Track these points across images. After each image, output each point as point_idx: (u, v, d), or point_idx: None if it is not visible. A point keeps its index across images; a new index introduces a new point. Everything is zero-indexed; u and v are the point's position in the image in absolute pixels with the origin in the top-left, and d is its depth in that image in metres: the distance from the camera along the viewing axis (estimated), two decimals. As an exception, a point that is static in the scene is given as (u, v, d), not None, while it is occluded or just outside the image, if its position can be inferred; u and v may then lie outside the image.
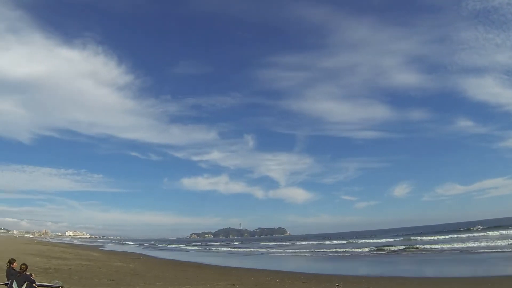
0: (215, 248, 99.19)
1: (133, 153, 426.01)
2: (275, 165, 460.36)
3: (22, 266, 14.92)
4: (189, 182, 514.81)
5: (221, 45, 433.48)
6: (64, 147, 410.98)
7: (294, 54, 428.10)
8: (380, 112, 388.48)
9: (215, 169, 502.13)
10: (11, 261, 15.16)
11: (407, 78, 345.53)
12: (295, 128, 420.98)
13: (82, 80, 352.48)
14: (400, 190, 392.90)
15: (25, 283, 14.35)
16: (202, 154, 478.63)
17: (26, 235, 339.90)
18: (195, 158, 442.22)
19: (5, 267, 15.42)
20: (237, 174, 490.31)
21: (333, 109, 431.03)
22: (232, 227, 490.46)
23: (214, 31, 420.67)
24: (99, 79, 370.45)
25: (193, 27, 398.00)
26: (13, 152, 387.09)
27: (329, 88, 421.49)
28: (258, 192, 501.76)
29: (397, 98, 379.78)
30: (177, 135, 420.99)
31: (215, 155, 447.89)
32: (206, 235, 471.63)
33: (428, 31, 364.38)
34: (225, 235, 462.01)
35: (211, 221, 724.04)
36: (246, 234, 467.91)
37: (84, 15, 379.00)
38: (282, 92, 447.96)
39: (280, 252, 68.91)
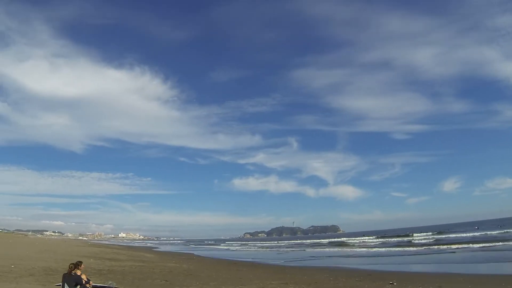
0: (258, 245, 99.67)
1: (181, 159, 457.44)
2: (321, 164, 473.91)
3: (70, 265, 15.00)
4: (240, 183, 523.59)
5: (255, 48, 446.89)
6: (113, 155, 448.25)
7: (329, 52, 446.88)
8: (421, 105, 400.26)
9: (262, 171, 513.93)
10: (77, 263, 15.22)
11: (445, 70, 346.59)
12: (337, 126, 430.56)
13: (130, 96, 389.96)
14: (450, 185, 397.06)
15: (77, 285, 14.46)
16: (248, 157, 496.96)
17: (80, 237, 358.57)
18: (241, 161, 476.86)
19: (59, 269, 15.86)
20: (285, 174, 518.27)
21: (374, 104, 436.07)
22: (285, 225, 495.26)
23: (247, 35, 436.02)
24: (146, 94, 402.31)
25: (227, 32, 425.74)
26: (66, 160, 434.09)
27: (367, 84, 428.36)
28: (309, 191, 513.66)
29: (436, 90, 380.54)
30: (222, 140, 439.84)
31: (260, 158, 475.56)
32: (259, 234, 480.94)
33: (463, 18, 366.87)
34: (278, 234, 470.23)
35: (264, 221, 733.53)
36: (299, 232, 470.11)
37: (128, 39, 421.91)
38: (321, 91, 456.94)
39: (335, 252, 68.25)
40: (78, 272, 15.11)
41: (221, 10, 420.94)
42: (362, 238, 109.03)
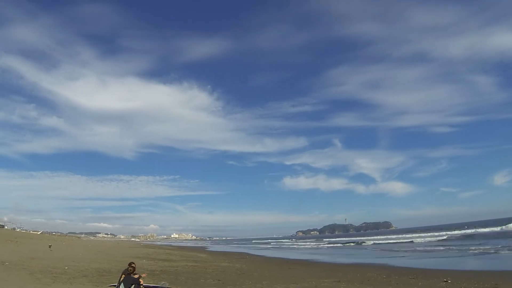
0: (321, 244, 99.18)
1: (230, 162, 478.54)
2: (367, 162, 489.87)
3: (130, 268, 15.98)
4: (290, 182, 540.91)
5: (289, 49, 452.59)
6: (162, 160, 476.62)
7: (362, 48, 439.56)
8: (462, 97, 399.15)
9: (310, 170, 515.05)
10: (131, 264, 15.88)
11: (480, 59, 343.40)
12: (378, 122, 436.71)
13: (178, 107, 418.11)
14: (500, 178, 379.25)
15: (133, 285, 15.33)
16: (294, 159, 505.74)
17: (132, 239, 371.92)
18: (288, 163, 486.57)
19: (112, 270, 16.65)
20: (332, 173, 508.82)
21: (413, 98, 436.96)
22: (337, 223, 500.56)
23: (279, 37, 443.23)
24: (194, 105, 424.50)
25: (260, 38, 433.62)
26: (119, 167, 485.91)
27: (405, 78, 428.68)
28: (359, 188, 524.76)
29: (475, 80, 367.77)
30: (268, 143, 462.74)
31: (306, 159, 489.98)
32: (311, 232, 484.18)
33: (494, 5, 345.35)
34: (331, 231, 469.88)
35: (317, 219, 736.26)
36: (351, 230, 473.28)
37: (172, 55, 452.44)
38: (359, 88, 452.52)
39: (386, 247, 67.43)
40: (136, 276, 15.86)
41: (250, 16, 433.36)
42: (420, 234, 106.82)
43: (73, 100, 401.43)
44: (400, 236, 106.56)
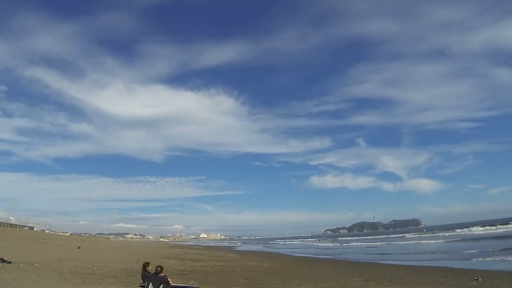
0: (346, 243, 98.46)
1: (256, 163, 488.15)
2: (391, 160, 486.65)
3: (158, 268, 15.92)
4: (317, 181, 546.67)
5: (307, 50, 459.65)
6: (189, 162, 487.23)
7: (381, 45, 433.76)
8: (484, 92, 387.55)
9: (336, 170, 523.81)
10: (145, 265, 16.45)
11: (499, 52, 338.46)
12: (401, 120, 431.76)
13: (205, 112, 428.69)
14: None
15: (161, 285, 15.51)
16: (320, 159, 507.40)
17: (161, 239, 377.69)
18: (313, 163, 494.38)
19: (140, 270, 17.02)
20: (359, 171, 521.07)
21: (435, 95, 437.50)
22: (366, 221, 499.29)
23: (296, 38, 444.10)
24: (220, 110, 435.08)
25: (279, 37, 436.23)
26: (146, 169, 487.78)
27: (425, 74, 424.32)
28: (386, 186, 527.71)
29: (495, 73, 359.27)
30: (293, 144, 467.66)
31: (331, 158, 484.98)
32: (340, 231, 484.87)
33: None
34: (359, 229, 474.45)
35: (345, 217, 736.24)
36: (380, 228, 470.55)
37: (196, 62, 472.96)
38: (380, 86, 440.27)
39: (414, 245, 66.98)
40: (163, 275, 16.19)
41: (267, 18, 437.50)
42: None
43: (102, 107, 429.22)
44: (429, 234, 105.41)
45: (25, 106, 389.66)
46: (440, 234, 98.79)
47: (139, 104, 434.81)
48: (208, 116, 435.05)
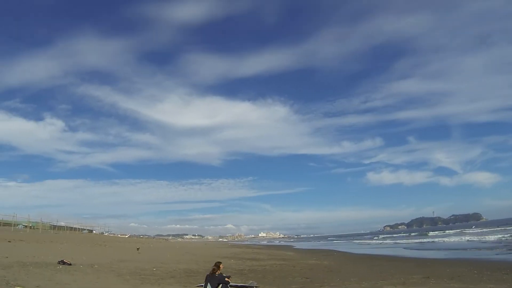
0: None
1: (311, 164, 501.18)
2: (444, 154, 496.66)
3: (214, 267, 16.23)
4: (374, 178, 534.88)
5: (348, 46, 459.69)
6: (246, 165, 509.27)
7: (423, 38, 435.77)
8: None
9: (390, 167, 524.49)
10: (216, 264, 16.50)
11: None
12: (450, 113, 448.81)
13: (261, 120, 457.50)
14: None
15: (219, 285, 15.52)
16: (373, 157, 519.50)
17: (220, 239, 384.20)
18: (367, 161, 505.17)
19: (200, 271, 17.45)
20: (413, 168, 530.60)
21: (481, 85, 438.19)
22: (425, 216, 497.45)
23: (335, 36, 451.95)
24: (275, 117, 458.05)
25: (319, 38, 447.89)
26: (205, 173, 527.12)
27: (468, 66, 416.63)
28: (443, 180, 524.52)
29: None
30: (346, 145, 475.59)
31: (384, 156, 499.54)
32: (399, 226, 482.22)
33: None
34: (419, 225, 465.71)
35: (404, 212, 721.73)
36: (440, 223, 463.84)
37: (239, 70, 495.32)
38: (427, 80, 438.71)
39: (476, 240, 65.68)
40: (225, 278, 16.46)
41: (304, 20, 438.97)
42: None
43: (161, 119, 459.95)
44: (490, 228, 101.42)
45: (88, 120, 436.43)
46: (502, 228, 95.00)
47: (196, 115, 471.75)
48: (261, 122, 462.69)
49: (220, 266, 16.38)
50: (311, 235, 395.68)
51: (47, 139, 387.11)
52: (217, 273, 15.87)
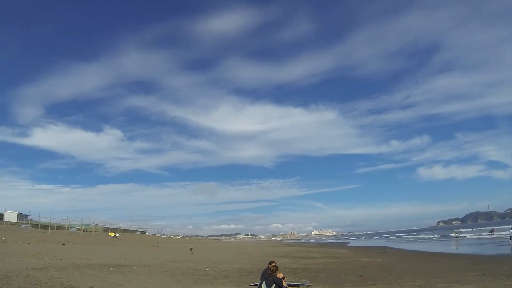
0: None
1: (360, 162, 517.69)
2: (493, 147, 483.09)
3: (272, 267, 16.33)
4: (425, 174, 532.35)
5: (386, 44, 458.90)
6: (298, 166, 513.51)
7: (457, 30, 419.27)
8: None
9: (439, 163, 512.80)
10: (270, 263, 16.74)
11: None
12: (494, 105, 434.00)
13: (310, 124, 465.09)
14: None
15: (274, 284, 15.65)
16: (421, 155, 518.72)
17: (273, 238, 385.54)
18: (415, 159, 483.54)
19: (253, 270, 17.86)
20: (463, 162, 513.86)
21: None
22: (480, 210, 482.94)
23: (372, 33, 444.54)
24: (323, 121, 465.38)
25: (356, 37, 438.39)
26: (260, 174, 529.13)
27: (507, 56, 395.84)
28: (496, 173, 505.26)
29: None
30: (394, 144, 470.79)
31: (433, 154, 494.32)
32: (453, 222, 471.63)
33: None
34: (473, 220, 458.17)
35: (458, 207, 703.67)
36: (495, 217, 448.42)
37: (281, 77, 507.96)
38: (468, 72, 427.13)
39: None
40: (280, 275, 16.85)
41: (339, 21, 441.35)
42: None
43: (215, 127, 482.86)
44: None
45: (145, 130, 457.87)
46: None
47: (248, 121, 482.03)
48: (310, 125, 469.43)
49: (271, 265, 16.62)
50: (364, 232, 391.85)
51: (105, 148, 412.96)
52: (274, 274, 16.10)
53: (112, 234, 73.60)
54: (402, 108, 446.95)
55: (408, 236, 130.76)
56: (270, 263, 16.76)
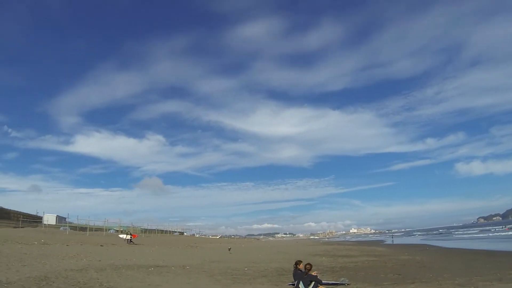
0: None
1: (396, 161, 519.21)
2: None
3: (307, 266, 16.33)
4: (463, 169, 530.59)
5: (412, 40, 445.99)
6: (334, 165, 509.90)
7: (484, 22, 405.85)
8: None
9: (477, 158, 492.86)
10: (297, 263, 16.84)
11: None
12: None
13: (347, 125, 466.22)
14: None
15: (312, 283, 15.88)
16: (457, 150, 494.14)
17: (311, 237, 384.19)
18: (452, 155, 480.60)
19: (292, 269, 18.09)
20: (501, 157, 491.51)
21: None
22: None
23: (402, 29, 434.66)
24: (359, 122, 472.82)
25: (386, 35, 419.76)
26: (296, 174, 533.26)
27: None
28: None
29: None
30: (429, 142, 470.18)
31: (469, 149, 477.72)
32: (493, 218, 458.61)
33: None
34: None
35: (498, 203, 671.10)
36: None
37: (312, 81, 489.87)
38: (498, 64, 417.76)
39: None
40: (314, 273, 17.17)
41: (365, 18, 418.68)
42: None
43: (254, 130, 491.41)
44: None
45: (185, 134, 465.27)
46: None
47: (286, 124, 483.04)
48: (346, 126, 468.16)
49: (300, 265, 16.92)
50: (402, 230, 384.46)
51: (147, 153, 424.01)
52: (310, 272, 16.33)
53: (124, 236, 57.98)
54: (435, 104, 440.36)
55: (447, 233, 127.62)
56: (296, 264, 17.03)
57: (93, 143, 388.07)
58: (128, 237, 54.31)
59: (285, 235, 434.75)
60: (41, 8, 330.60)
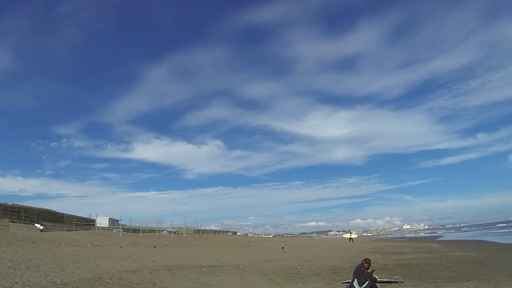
0: None
1: (447, 156, 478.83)
2: None
3: (364, 263, 16.29)
4: None
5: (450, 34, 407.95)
6: (385, 163, 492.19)
7: None
8: None
9: None
10: (365, 260, 16.71)
11: None
12: None
13: (394, 122, 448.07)
14: None
15: (367, 281, 15.55)
16: (508, 143, 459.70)
17: (364, 234, 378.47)
18: (503, 148, 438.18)
19: (345, 267, 18.36)
20: None
21: None
22: None
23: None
24: (411, 121, 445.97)
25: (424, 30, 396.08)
26: (346, 172, 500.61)
27: None
28: None
29: None
30: (480, 137, 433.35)
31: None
32: None
33: None
34: None
35: None
36: None
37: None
38: None
39: None
40: (373, 273, 16.64)
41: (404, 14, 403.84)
42: None
43: (309, 133, 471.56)
44: None
45: (241, 139, 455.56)
46: None
47: (339, 126, 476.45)
48: (400, 126, 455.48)
49: (365, 264, 16.55)
50: (457, 225, 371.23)
51: (205, 158, 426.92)
52: (367, 271, 16.19)
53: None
54: (481, 94, 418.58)
55: (505, 228, 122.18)
56: (364, 260, 16.80)
57: (151, 150, 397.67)
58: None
59: (338, 233, 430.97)
60: (93, 28, 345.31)
